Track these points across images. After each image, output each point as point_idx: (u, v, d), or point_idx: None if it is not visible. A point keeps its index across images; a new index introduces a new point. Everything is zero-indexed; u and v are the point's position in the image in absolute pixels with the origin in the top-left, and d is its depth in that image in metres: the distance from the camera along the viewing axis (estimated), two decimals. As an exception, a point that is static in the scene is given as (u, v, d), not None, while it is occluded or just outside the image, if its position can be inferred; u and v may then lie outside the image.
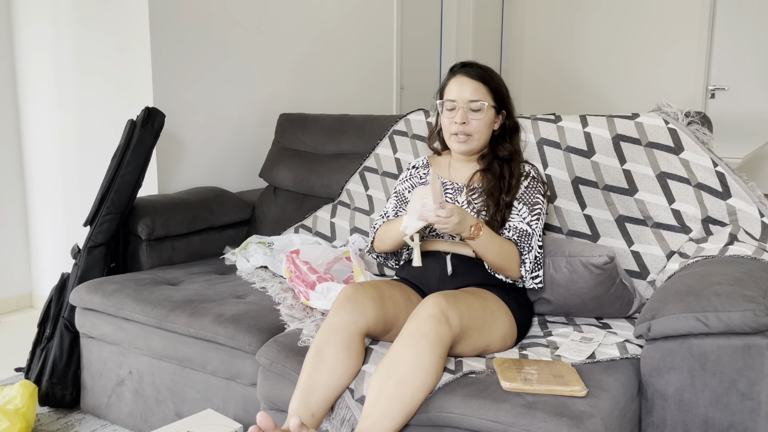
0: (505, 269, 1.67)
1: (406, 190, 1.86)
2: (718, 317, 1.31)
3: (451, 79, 1.75)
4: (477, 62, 1.77)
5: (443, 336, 1.40)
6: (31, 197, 3.23)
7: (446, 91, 1.76)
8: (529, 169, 1.79)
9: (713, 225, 1.80)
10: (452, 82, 1.75)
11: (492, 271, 1.70)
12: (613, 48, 5.23)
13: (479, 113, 1.71)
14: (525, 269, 1.68)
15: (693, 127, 1.90)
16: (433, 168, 1.86)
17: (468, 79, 1.72)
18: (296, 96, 3.31)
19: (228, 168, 2.99)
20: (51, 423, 2.15)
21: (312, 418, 1.42)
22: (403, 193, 1.87)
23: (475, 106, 1.70)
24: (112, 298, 2.03)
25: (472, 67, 1.74)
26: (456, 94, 1.72)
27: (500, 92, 1.75)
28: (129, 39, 2.67)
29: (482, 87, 1.72)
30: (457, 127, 1.71)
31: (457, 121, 1.71)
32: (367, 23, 3.80)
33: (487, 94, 1.72)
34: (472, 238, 1.60)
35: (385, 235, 1.79)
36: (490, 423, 1.29)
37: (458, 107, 1.71)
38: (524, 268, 1.68)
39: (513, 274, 1.68)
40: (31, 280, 3.34)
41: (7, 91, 3.15)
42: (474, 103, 1.70)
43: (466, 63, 1.77)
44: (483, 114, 1.71)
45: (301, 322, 1.78)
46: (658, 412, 1.40)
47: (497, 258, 1.64)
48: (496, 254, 1.63)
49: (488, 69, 1.76)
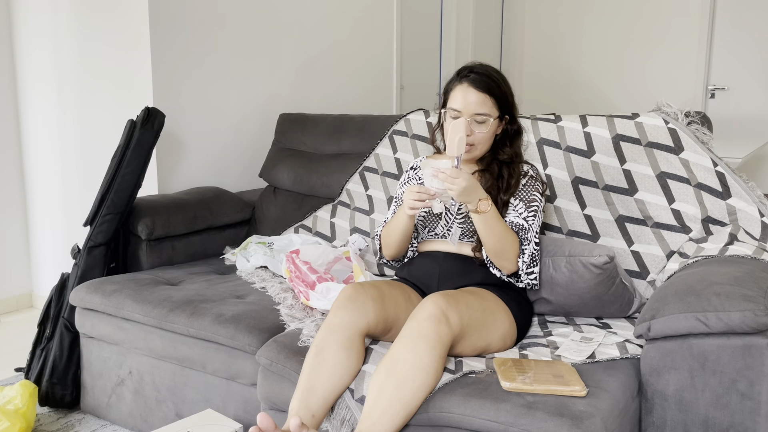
0: (504, 256, 1.64)
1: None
2: (718, 317, 1.31)
3: (458, 85, 1.70)
4: (486, 68, 1.71)
5: (443, 336, 1.40)
6: (31, 197, 3.24)
7: (451, 98, 1.71)
8: (527, 169, 1.78)
9: (713, 225, 1.80)
10: (458, 89, 1.70)
11: (489, 261, 1.69)
12: (613, 48, 5.23)
13: (483, 125, 1.68)
14: (523, 260, 1.67)
15: (693, 127, 1.90)
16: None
17: (474, 90, 1.67)
18: (296, 96, 3.31)
19: (228, 168, 2.99)
20: (51, 423, 2.15)
21: (312, 419, 1.42)
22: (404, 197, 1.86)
23: (480, 119, 1.67)
24: (112, 298, 2.03)
25: (480, 76, 1.68)
26: (461, 105, 1.67)
27: (506, 100, 1.71)
28: (129, 39, 2.67)
29: (488, 99, 1.68)
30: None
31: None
32: (367, 23, 3.80)
33: (493, 106, 1.68)
34: (478, 211, 1.58)
35: (388, 236, 1.79)
36: (490, 423, 1.29)
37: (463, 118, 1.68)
38: (522, 260, 1.67)
39: (510, 263, 1.66)
40: (31, 280, 3.34)
41: (7, 91, 3.15)
42: (479, 116, 1.67)
43: (475, 69, 1.70)
44: (487, 127, 1.68)
45: (301, 322, 1.78)
46: (658, 412, 1.40)
47: (498, 241, 1.62)
48: (499, 237, 1.61)
49: (496, 77, 1.70)
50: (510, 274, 1.71)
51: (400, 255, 1.84)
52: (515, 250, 1.66)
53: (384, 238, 1.82)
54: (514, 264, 1.67)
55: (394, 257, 1.84)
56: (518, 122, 1.78)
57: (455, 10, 4.68)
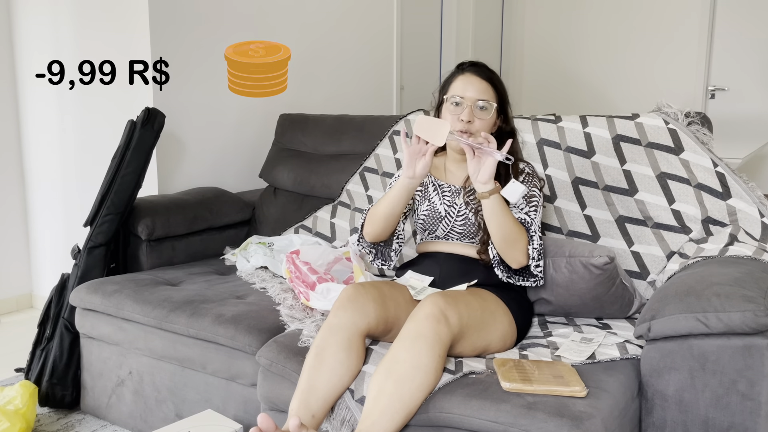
0: (515, 246, 1.61)
1: None
2: (718, 317, 1.31)
3: (459, 76, 1.72)
4: (485, 64, 1.76)
5: (442, 336, 1.40)
6: (31, 197, 3.23)
7: (452, 87, 1.72)
8: (524, 167, 1.78)
9: (713, 225, 1.80)
10: (460, 79, 1.72)
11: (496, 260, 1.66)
12: (613, 48, 5.23)
13: (485, 112, 1.68)
14: (533, 247, 1.63)
15: (693, 127, 1.90)
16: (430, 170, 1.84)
17: (477, 78, 1.70)
18: (296, 96, 3.31)
19: (228, 168, 2.99)
20: (51, 423, 2.15)
21: (312, 419, 1.42)
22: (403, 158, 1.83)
23: (482, 105, 1.68)
24: (112, 299, 2.03)
25: (480, 68, 1.73)
26: (463, 91, 1.68)
27: (504, 96, 1.74)
28: (129, 39, 2.67)
29: (490, 88, 1.70)
30: (462, 124, 1.66)
31: (464, 119, 1.66)
32: (367, 24, 3.80)
33: (494, 95, 1.71)
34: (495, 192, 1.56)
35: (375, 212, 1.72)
36: (490, 423, 1.29)
37: (465, 105, 1.67)
38: (532, 246, 1.63)
39: (521, 254, 1.62)
40: (31, 281, 3.34)
41: (7, 91, 3.15)
42: (481, 102, 1.68)
43: (475, 62, 1.75)
44: (489, 114, 1.69)
45: (301, 322, 1.78)
46: (659, 413, 1.40)
47: (510, 229, 1.59)
48: (510, 225, 1.59)
49: (495, 72, 1.75)
50: (519, 269, 1.68)
51: (381, 237, 1.76)
52: (525, 239, 1.63)
53: (371, 214, 1.75)
54: (524, 254, 1.63)
55: (374, 238, 1.77)
56: (512, 124, 1.78)
57: (455, 11, 4.68)
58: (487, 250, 1.69)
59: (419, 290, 1.67)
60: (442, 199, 1.76)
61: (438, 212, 1.75)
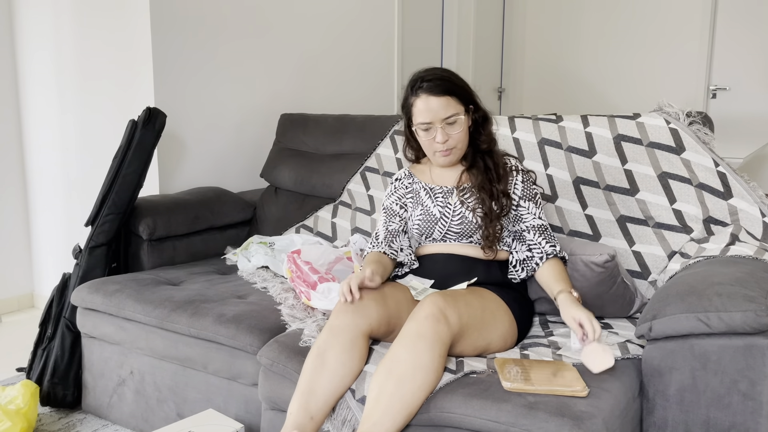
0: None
1: (394, 204, 1.83)
2: (719, 317, 1.31)
3: (416, 100, 1.67)
4: (433, 71, 1.68)
5: (442, 335, 1.40)
6: (33, 197, 3.24)
7: (415, 114, 1.68)
8: (515, 163, 1.77)
9: (714, 225, 1.80)
10: (418, 102, 1.66)
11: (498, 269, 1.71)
12: (615, 48, 5.23)
13: (456, 126, 1.67)
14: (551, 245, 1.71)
15: (694, 127, 1.90)
16: (417, 175, 1.84)
17: (434, 97, 1.64)
18: (297, 96, 3.31)
19: (229, 168, 2.99)
20: (52, 423, 2.15)
21: (311, 421, 1.41)
22: (391, 207, 1.83)
23: (451, 121, 1.66)
24: (114, 298, 2.03)
25: (433, 81, 1.65)
26: (428, 116, 1.65)
27: (465, 92, 1.70)
28: (130, 39, 2.67)
29: (451, 99, 1.65)
30: (439, 146, 1.67)
31: (439, 141, 1.66)
32: (368, 23, 3.80)
33: (458, 103, 1.67)
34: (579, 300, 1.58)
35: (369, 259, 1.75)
36: (491, 423, 1.29)
37: (435, 127, 1.66)
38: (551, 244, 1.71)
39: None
40: (33, 280, 3.34)
41: (8, 91, 3.15)
42: (449, 119, 1.65)
43: (425, 77, 1.67)
44: (460, 125, 1.67)
45: (303, 322, 1.78)
46: (660, 413, 1.40)
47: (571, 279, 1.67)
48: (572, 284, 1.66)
49: (447, 75, 1.68)
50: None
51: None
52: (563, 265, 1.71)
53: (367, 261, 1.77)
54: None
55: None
56: (482, 108, 1.75)
57: (456, 10, 4.68)
58: (491, 246, 1.69)
59: (420, 291, 1.67)
60: (435, 202, 1.76)
61: (433, 215, 1.75)
